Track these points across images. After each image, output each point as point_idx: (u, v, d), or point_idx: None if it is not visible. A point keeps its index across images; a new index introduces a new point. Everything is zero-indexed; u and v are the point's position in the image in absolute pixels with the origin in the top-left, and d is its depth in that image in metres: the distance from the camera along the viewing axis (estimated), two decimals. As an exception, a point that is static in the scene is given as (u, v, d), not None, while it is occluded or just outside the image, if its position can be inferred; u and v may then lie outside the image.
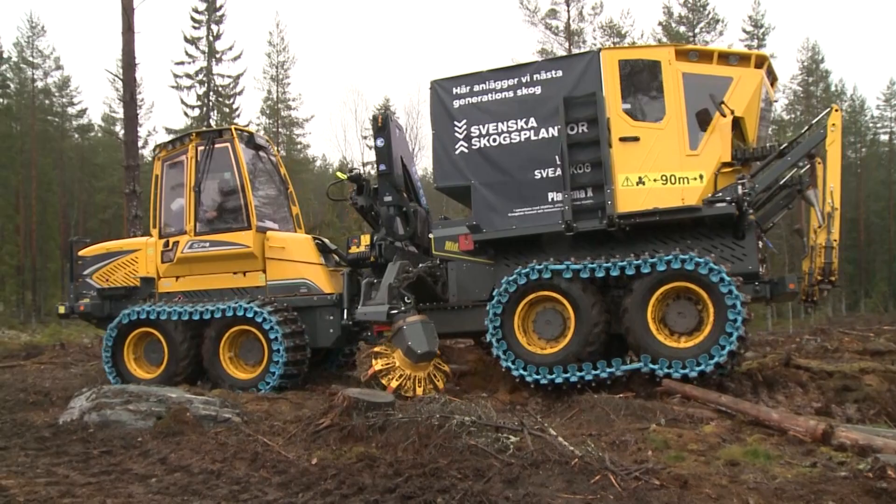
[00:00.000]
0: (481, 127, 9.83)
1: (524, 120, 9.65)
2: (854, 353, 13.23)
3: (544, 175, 9.49)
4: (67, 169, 55.11)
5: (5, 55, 51.06)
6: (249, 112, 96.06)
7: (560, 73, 9.56)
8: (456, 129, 9.96)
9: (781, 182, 9.52)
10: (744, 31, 50.03)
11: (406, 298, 9.67)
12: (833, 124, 8.96)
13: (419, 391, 9.06)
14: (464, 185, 9.93)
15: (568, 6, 42.54)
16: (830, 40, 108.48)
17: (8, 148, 46.97)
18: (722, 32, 47.62)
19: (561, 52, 42.05)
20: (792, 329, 31.04)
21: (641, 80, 9.32)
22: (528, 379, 9.04)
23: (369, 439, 6.39)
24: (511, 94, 9.76)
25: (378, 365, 9.17)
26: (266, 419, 7.85)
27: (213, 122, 46.72)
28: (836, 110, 9.11)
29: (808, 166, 9.26)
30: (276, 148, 12.66)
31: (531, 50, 45.87)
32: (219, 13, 46.52)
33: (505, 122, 9.72)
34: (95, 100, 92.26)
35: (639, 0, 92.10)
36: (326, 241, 11.78)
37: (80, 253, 12.15)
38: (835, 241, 8.81)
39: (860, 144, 63.76)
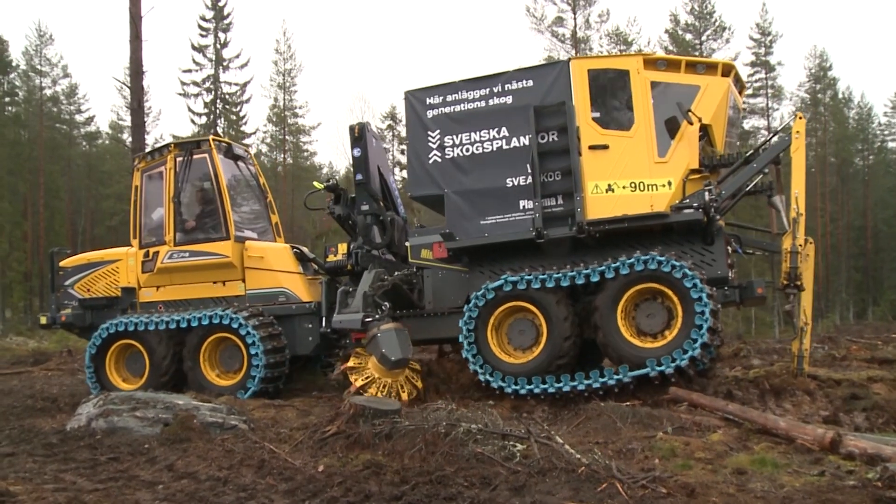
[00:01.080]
0: (454, 137, 9.95)
1: (496, 129, 9.76)
2: (862, 362, 13.13)
3: (515, 183, 9.60)
4: (75, 176, 55.29)
5: (14, 63, 51.35)
6: (256, 120, 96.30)
7: (531, 83, 9.68)
8: (429, 138, 10.08)
9: (748, 188, 9.65)
10: (751, 38, 50.09)
11: (383, 306, 9.76)
12: (797, 131, 9.17)
13: (381, 395, 9.17)
14: (437, 193, 10.05)
15: (574, 14, 42.68)
16: (838, 48, 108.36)
17: (16, 155, 47.15)
18: (729, 40, 47.74)
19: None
20: (799, 337, 30.87)
21: (610, 89, 9.44)
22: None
23: (376, 447, 6.39)
24: (483, 103, 9.89)
25: (359, 381, 9.28)
26: (272, 426, 7.85)
27: (220, 130, 46.89)
28: (801, 117, 9.33)
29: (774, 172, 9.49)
30: (254, 158, 12.84)
31: (538, 58, 45.81)
32: (226, 21, 46.75)
33: (477, 132, 9.84)
34: (103, 107, 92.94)
35: (645, 8, 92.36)
36: (305, 249, 11.89)
37: (62, 264, 12.26)
38: (800, 245, 8.91)
39: (868, 152, 63.65)
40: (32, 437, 7.81)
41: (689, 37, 47.78)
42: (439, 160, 10.01)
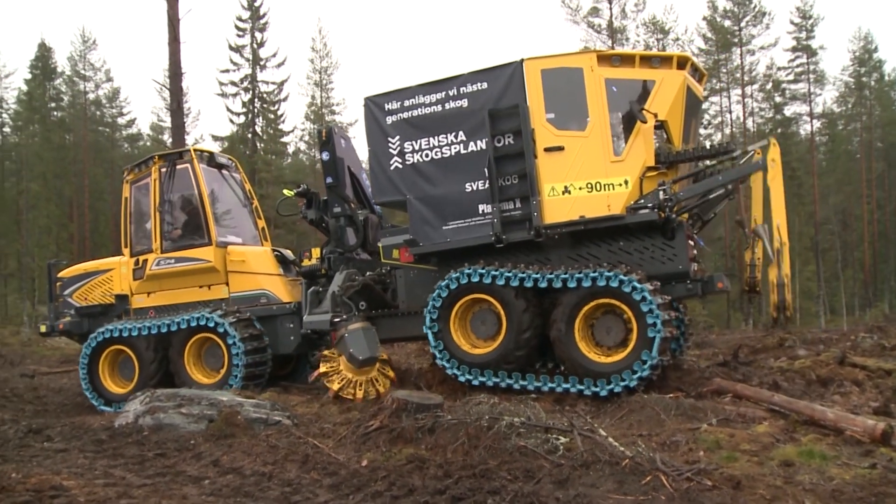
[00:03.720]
0: (413, 142, 9.88)
1: (453, 134, 9.66)
2: (913, 351, 12.87)
3: (475, 188, 9.55)
4: (118, 178, 56.10)
5: (59, 69, 52.37)
6: (294, 118, 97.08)
7: (485, 85, 9.53)
8: (390, 144, 10.03)
9: (712, 196, 9.57)
10: (791, 23, 48.97)
11: (359, 305, 10.11)
12: (772, 159, 9.06)
13: (359, 394, 9.36)
14: (400, 199, 10.07)
15: (610, 4, 42.08)
16: (884, 29, 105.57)
17: (61, 159, 48.09)
18: (769, 26, 46.88)
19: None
20: (846, 326, 30.36)
21: (564, 89, 9.24)
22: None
23: (419, 441, 6.41)
24: (440, 108, 9.77)
25: (324, 368, 9.51)
26: (316, 421, 7.92)
27: (258, 129, 47.25)
28: (774, 144, 9.20)
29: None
30: (240, 165, 13.10)
31: (574, 49, 45.50)
32: (262, 21, 47.00)
33: (436, 137, 9.76)
34: (144, 110, 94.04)
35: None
36: (286, 252, 12.20)
37: (60, 274, 12.64)
38: (786, 275, 8.86)
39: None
40: (83, 433, 7.97)
41: (727, 23, 47.03)
42: (400, 166, 9.97)
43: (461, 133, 9.61)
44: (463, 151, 9.62)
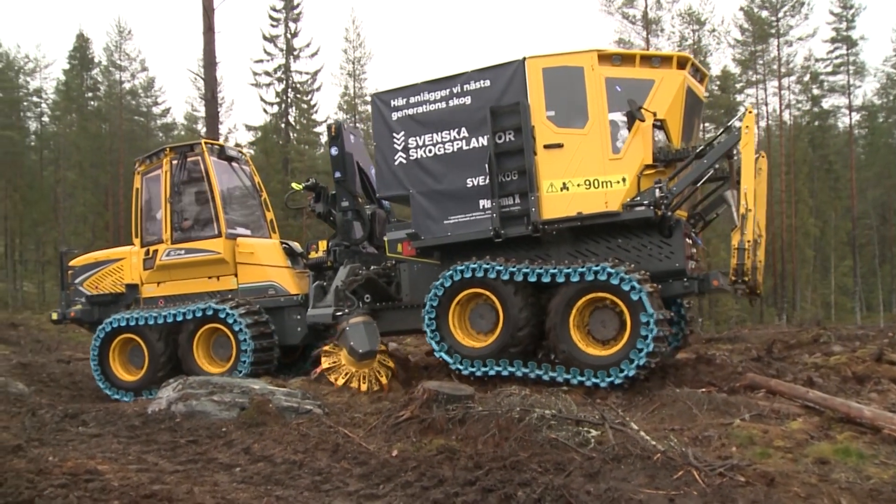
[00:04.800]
0: (418, 138, 10.06)
1: (456, 130, 9.84)
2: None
3: (475, 183, 9.71)
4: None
5: (96, 60, 53.02)
6: (327, 108, 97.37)
7: (488, 83, 9.69)
8: (395, 140, 10.21)
9: (703, 180, 9.54)
10: (831, 13, 48.10)
11: (365, 298, 10.43)
12: (747, 126, 9.04)
13: (363, 387, 9.47)
14: (403, 194, 10.25)
15: (646, -6, 41.65)
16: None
17: (98, 148, 48.67)
18: (807, 16, 46.11)
19: (639, 42, 41.31)
20: (883, 323, 29.88)
21: (565, 87, 9.37)
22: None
23: (449, 432, 6.41)
24: (444, 104, 9.95)
25: (326, 363, 9.66)
26: (346, 411, 7.96)
27: (291, 118, 47.46)
28: (750, 112, 9.20)
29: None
30: (249, 158, 13.31)
31: (609, 40, 45.06)
32: (296, 11, 47.17)
33: (439, 133, 9.94)
34: (178, 99, 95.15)
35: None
36: (294, 245, 12.38)
37: (71, 263, 12.91)
38: (748, 242, 8.80)
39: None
40: (117, 419, 8.07)
41: (765, 14, 46.28)
42: (404, 161, 10.16)
43: (464, 129, 9.81)
44: (465, 147, 9.82)
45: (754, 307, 42.40)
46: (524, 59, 9.53)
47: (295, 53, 47.39)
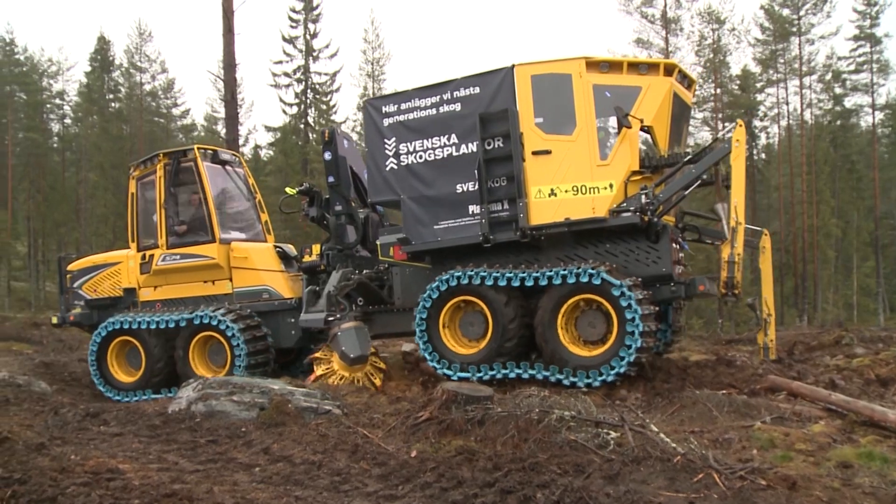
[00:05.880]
0: (408, 144, 10.16)
1: (446, 136, 9.94)
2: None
3: (465, 189, 9.81)
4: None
5: (117, 62, 53.49)
6: (346, 108, 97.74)
7: (477, 90, 9.79)
8: (386, 146, 10.32)
9: (691, 188, 9.73)
10: (854, 10, 47.62)
11: (358, 301, 10.66)
12: (737, 139, 9.09)
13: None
14: (395, 199, 10.35)
15: (664, -7, 41.40)
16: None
17: (119, 149, 49.06)
18: (830, 14, 45.54)
19: (658, 42, 41.12)
20: (906, 324, 29.53)
21: (553, 94, 9.47)
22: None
23: (468, 433, 6.40)
24: (434, 111, 10.05)
25: (319, 371, 9.79)
26: (365, 411, 7.96)
27: (310, 119, 47.63)
28: (741, 125, 9.24)
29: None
30: (244, 161, 13.42)
31: (627, 40, 44.85)
32: (315, 12, 47.33)
33: (429, 139, 10.04)
34: (198, 100, 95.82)
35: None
36: (287, 248, 12.47)
37: (70, 267, 13.08)
38: (738, 255, 8.98)
39: None
40: (137, 418, 8.14)
41: (786, 12, 45.88)
42: (395, 167, 10.26)
43: (453, 136, 9.91)
44: (455, 153, 9.92)
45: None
46: (513, 66, 9.66)
47: (314, 54, 47.57)
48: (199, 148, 12.13)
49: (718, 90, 44.25)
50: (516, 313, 9.38)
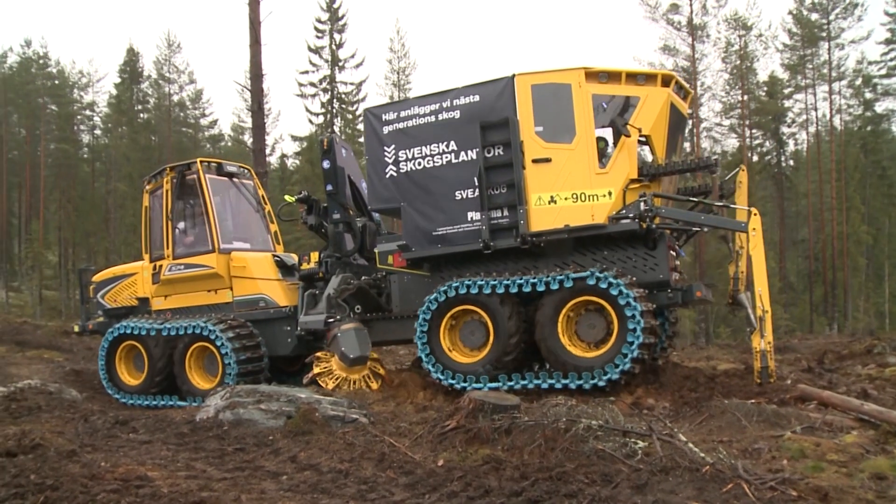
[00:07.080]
0: (408, 151, 10.28)
1: (445, 144, 10.05)
2: None
3: (464, 196, 9.94)
4: (201, 178, 57.63)
5: (146, 73, 54.21)
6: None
7: (477, 98, 9.92)
8: (386, 153, 10.43)
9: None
10: (885, 13, 47.13)
11: (356, 308, 10.71)
12: (754, 228, 9.16)
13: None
14: (394, 206, 10.47)
15: (691, 0, 41.20)
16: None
17: (147, 159, 49.63)
18: (861, 17, 45.07)
19: (685, 49, 40.92)
20: (940, 333, 29.05)
21: (553, 104, 9.59)
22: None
23: (495, 442, 6.38)
24: (433, 119, 10.17)
25: (317, 369, 9.90)
26: (392, 420, 7.97)
27: (336, 129, 47.90)
28: (755, 214, 9.27)
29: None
30: (253, 172, 13.72)
31: (653, 48, 44.63)
32: (341, 22, 47.63)
33: (428, 147, 10.15)
34: (225, 110, 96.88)
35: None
36: (287, 257, 12.66)
37: (94, 278, 13.63)
38: (769, 343, 8.97)
39: None
40: (166, 426, 8.21)
41: (815, 17, 45.50)
42: (395, 174, 10.36)
43: (453, 143, 10.05)
44: (454, 161, 10.06)
45: (804, 318, 41.65)
46: (513, 75, 9.80)
47: (340, 64, 47.85)
48: (202, 161, 12.45)
49: (745, 97, 43.92)
50: (514, 314, 9.50)
